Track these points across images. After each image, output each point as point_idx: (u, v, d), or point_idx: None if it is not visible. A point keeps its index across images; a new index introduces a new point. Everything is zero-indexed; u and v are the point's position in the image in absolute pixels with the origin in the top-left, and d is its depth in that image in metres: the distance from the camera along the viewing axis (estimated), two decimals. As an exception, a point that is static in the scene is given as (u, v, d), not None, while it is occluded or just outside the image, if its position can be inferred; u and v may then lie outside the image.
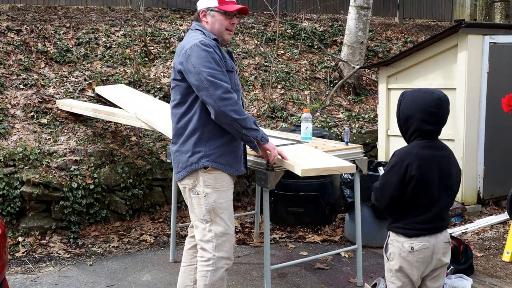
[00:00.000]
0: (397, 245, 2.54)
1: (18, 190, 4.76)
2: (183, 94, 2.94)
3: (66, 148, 5.25)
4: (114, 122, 5.64)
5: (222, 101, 2.76)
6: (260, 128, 3.00)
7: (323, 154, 3.49)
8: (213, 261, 2.93)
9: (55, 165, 5.00)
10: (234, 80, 2.99)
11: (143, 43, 7.18)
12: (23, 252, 4.58)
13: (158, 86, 6.44)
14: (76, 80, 6.32)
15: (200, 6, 3.04)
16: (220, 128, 2.89)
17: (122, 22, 7.69)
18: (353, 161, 3.77)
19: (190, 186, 2.97)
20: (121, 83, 6.36)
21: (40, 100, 5.83)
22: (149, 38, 7.38)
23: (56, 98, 5.93)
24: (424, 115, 2.48)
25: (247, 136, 2.89)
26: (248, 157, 3.46)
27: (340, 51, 8.21)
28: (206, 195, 2.92)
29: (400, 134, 2.80)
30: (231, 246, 2.99)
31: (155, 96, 6.19)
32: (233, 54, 3.29)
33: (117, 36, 7.37)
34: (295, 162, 3.15)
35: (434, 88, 5.87)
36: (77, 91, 6.13)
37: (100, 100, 6.01)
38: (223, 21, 2.99)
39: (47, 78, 6.23)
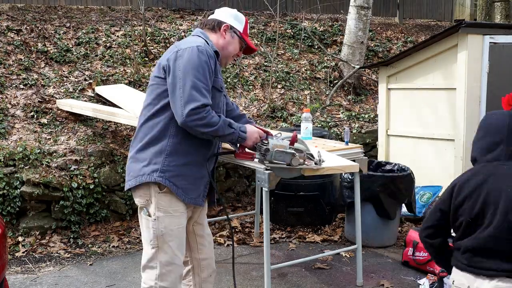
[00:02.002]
0: None
1: (18, 190, 4.76)
2: (158, 95, 2.64)
3: (66, 148, 5.25)
4: (114, 122, 5.64)
5: (190, 116, 2.48)
6: (238, 124, 2.72)
7: (325, 153, 3.49)
8: None
9: (55, 165, 5.00)
10: (218, 101, 2.74)
11: (143, 43, 7.18)
12: (23, 252, 4.58)
13: (158, 86, 6.43)
14: (76, 80, 6.33)
15: (225, 19, 2.84)
16: (187, 145, 2.62)
17: (122, 22, 7.69)
18: (353, 161, 3.77)
19: (142, 205, 2.69)
20: (121, 83, 6.36)
21: (40, 100, 5.83)
22: (149, 38, 7.38)
23: (56, 98, 5.93)
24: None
25: (224, 141, 2.77)
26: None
27: (340, 51, 8.21)
28: (156, 219, 2.63)
29: (400, 134, 2.80)
30: (176, 277, 2.72)
31: (155, 96, 6.19)
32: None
33: (117, 36, 7.37)
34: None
35: (436, 88, 5.83)
36: (77, 91, 6.13)
37: (100, 100, 6.01)
38: (237, 47, 2.85)
39: (47, 78, 6.23)
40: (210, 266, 3.01)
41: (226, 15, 2.86)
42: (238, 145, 2.86)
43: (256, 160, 2.98)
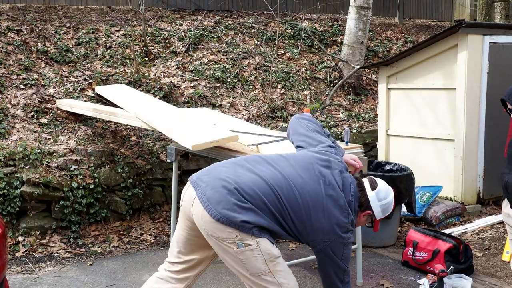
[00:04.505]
0: None
1: (18, 190, 4.77)
2: (295, 221, 2.52)
3: (66, 148, 5.25)
4: (114, 122, 5.64)
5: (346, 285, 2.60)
6: None
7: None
8: None
9: (55, 165, 5.00)
10: None
11: (143, 43, 7.18)
12: (23, 252, 4.59)
13: (158, 86, 6.44)
14: (76, 80, 6.33)
15: (374, 206, 2.66)
16: (271, 230, 2.52)
17: (122, 22, 7.70)
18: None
19: (231, 241, 2.44)
20: (121, 83, 6.36)
21: (40, 100, 5.83)
22: (149, 38, 7.38)
23: (56, 98, 5.93)
24: None
25: None
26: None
27: (340, 51, 8.21)
28: (258, 244, 2.44)
29: (400, 134, 2.82)
30: (297, 285, 2.64)
31: (155, 96, 6.20)
32: None
33: (117, 36, 7.37)
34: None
35: (436, 88, 5.84)
36: (77, 91, 6.13)
37: (100, 100, 6.01)
38: (364, 221, 2.76)
39: (47, 78, 6.23)
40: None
41: (378, 203, 2.67)
42: None
43: None
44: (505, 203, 3.37)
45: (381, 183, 2.71)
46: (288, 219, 2.50)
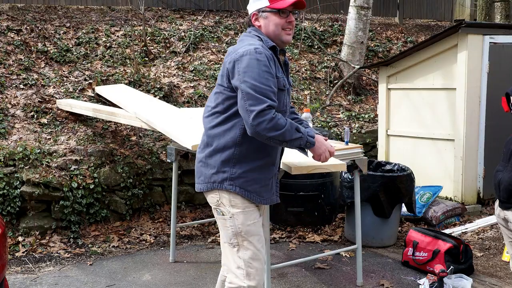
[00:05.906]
0: None
1: (18, 190, 4.76)
2: (225, 103, 2.58)
3: (66, 148, 5.25)
4: (114, 122, 5.64)
5: (256, 118, 2.40)
6: (306, 129, 2.59)
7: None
8: None
9: (55, 165, 5.00)
10: (282, 100, 2.63)
11: (143, 43, 7.18)
12: (23, 252, 4.59)
13: (158, 86, 6.44)
14: (76, 80, 6.33)
15: (250, 9, 2.69)
16: (254, 151, 2.58)
17: (122, 22, 7.70)
18: (353, 161, 3.78)
19: (214, 206, 2.68)
20: (121, 83, 6.36)
21: (40, 100, 5.83)
22: (149, 38, 7.38)
23: (56, 98, 5.93)
24: None
25: (291, 147, 2.59)
26: None
27: (340, 51, 8.21)
28: (232, 216, 2.61)
29: (400, 134, 2.81)
30: (263, 273, 2.68)
31: (155, 96, 6.20)
32: (289, 65, 2.76)
33: (117, 36, 7.37)
34: (287, 160, 3.17)
35: (436, 88, 5.86)
36: (77, 91, 6.13)
37: (100, 100, 6.01)
38: (277, 20, 2.61)
39: (47, 78, 6.23)
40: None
41: (250, 4, 2.70)
42: (307, 150, 2.69)
43: None
44: (497, 203, 3.39)
45: None
46: (225, 105, 2.61)
